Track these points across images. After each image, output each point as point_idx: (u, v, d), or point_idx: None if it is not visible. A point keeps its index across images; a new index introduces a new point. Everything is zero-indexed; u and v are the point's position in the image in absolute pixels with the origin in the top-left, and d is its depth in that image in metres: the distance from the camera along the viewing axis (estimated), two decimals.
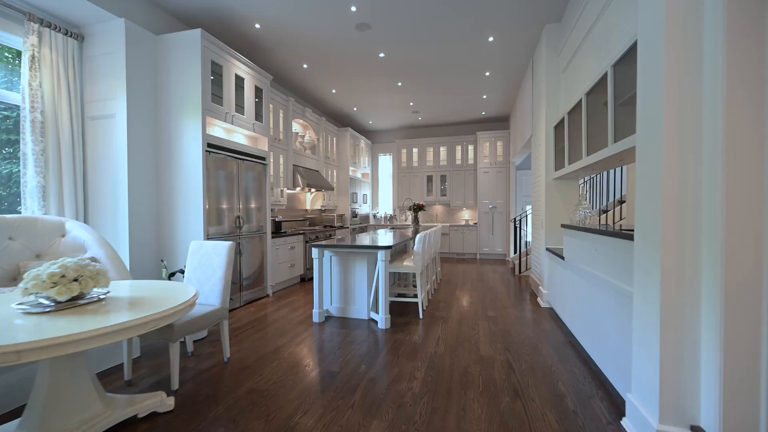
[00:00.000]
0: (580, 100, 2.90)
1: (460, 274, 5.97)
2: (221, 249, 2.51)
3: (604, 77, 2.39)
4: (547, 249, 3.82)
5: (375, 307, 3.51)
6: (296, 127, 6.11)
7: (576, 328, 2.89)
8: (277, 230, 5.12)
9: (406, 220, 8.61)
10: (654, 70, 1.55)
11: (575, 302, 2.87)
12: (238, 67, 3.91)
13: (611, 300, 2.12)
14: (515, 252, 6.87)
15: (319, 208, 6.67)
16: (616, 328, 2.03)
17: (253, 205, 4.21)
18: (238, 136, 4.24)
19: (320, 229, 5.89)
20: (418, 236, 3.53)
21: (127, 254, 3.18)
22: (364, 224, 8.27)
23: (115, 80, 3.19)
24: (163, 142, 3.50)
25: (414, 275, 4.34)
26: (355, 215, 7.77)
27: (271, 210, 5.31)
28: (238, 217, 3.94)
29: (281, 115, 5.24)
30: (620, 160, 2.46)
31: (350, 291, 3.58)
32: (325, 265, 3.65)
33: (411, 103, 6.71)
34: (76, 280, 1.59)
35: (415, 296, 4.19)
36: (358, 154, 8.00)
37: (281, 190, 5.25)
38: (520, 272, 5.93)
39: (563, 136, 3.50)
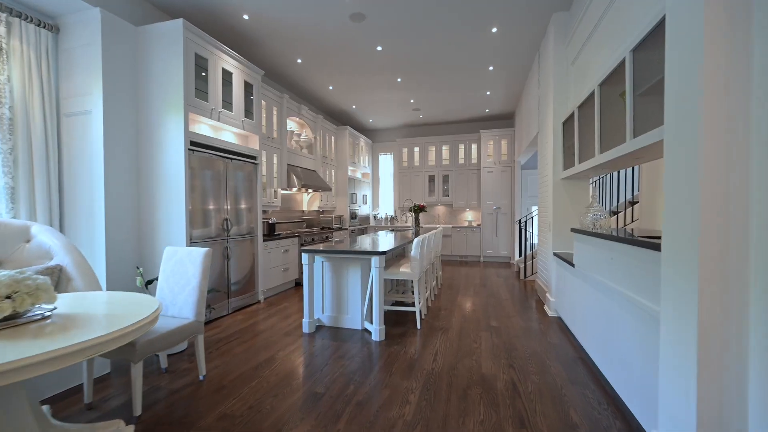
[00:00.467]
0: (593, 93, 2.64)
1: (462, 279, 5.71)
2: (196, 256, 2.29)
3: (621, 65, 2.13)
4: (555, 254, 3.56)
5: (369, 317, 3.28)
6: (292, 125, 5.90)
7: (588, 344, 2.63)
8: (271, 233, 4.91)
9: (406, 222, 8.36)
10: (688, 49, 1.29)
11: (587, 314, 2.61)
12: (226, 61, 3.69)
13: (632, 318, 1.86)
14: (520, 255, 6.59)
15: (316, 209, 6.45)
16: (639, 351, 1.78)
17: (242, 207, 4.00)
18: (227, 134, 4.02)
19: (317, 231, 5.67)
20: (415, 240, 3.29)
21: (103, 260, 2.97)
22: (364, 225, 8.04)
23: (91, 74, 2.98)
24: (144, 140, 3.29)
25: (412, 282, 4.10)
26: (354, 216, 7.54)
27: (264, 212, 5.11)
28: (226, 219, 3.72)
29: (275, 112, 5.03)
30: (636, 158, 2.20)
31: (343, 299, 3.35)
32: (317, 271, 3.42)
33: (411, 101, 6.46)
34: (9, 297, 1.37)
35: (413, 304, 3.94)
36: (357, 154, 7.77)
37: (275, 191, 5.03)
38: (525, 276, 5.66)
39: (573, 132, 3.24)
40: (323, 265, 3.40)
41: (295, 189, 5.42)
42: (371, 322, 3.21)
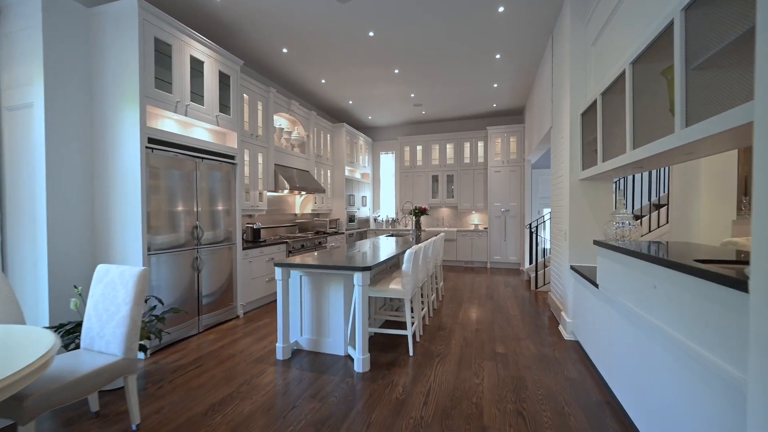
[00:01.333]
0: (622, 74, 2.13)
1: (467, 289, 5.21)
2: (128, 278, 1.86)
3: (666, 32, 1.63)
4: (572, 268, 3.05)
5: (353, 341, 2.82)
6: (282, 122, 5.47)
7: (616, 383, 2.12)
8: (255, 239, 4.49)
9: (406, 225, 7.88)
10: None
11: (615, 347, 2.11)
12: (195, 48, 3.27)
13: (690, 373, 1.36)
14: (531, 262, 6.06)
15: (310, 212, 6.01)
16: (703, 422, 1.28)
17: (218, 212, 3.58)
18: (199, 130, 3.61)
19: (308, 237, 5.24)
20: (408, 252, 2.82)
21: (45, 276, 2.58)
22: (363, 228, 7.59)
23: (32, 62, 2.59)
24: (99, 137, 2.89)
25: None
26: (352, 219, 7.09)
27: (249, 216, 4.70)
28: (196, 226, 3.30)
29: (260, 107, 4.61)
30: (689, 153, 1.70)
31: (324, 320, 2.90)
32: (294, 286, 2.98)
33: (412, 95, 5.98)
34: None
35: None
36: (356, 153, 7.32)
37: (260, 193, 4.61)
38: (536, 287, 5.13)
39: (594, 125, 2.72)
40: (301, 281, 2.96)
41: (286, 191, 5.00)
42: (355, 348, 2.75)
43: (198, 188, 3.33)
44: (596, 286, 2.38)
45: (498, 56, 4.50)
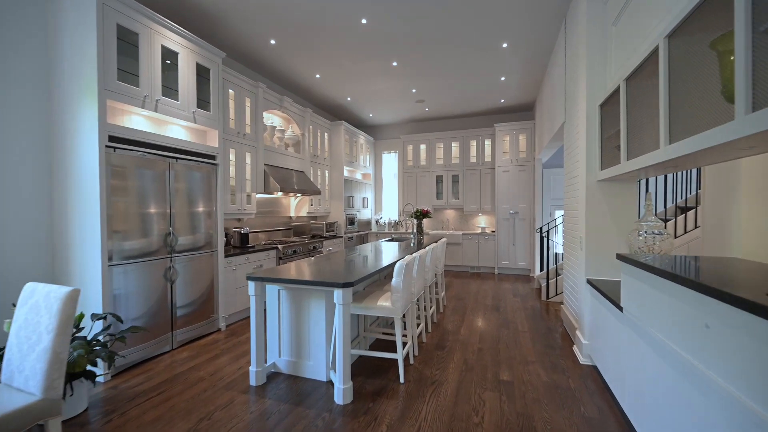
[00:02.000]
0: (654, 51, 1.74)
1: (471, 298, 4.83)
2: (53, 301, 1.56)
3: None
4: (589, 282, 2.65)
5: (336, 365, 2.48)
6: (275, 120, 5.18)
7: (647, 429, 1.73)
8: (243, 244, 4.20)
9: (408, 228, 7.51)
10: None
11: (649, 392, 1.72)
12: (167, 38, 2.98)
13: None
14: (542, 269, 5.64)
15: (305, 214, 5.70)
16: None
17: (197, 217, 3.29)
18: (175, 128, 3.32)
19: (302, 241, 4.92)
20: (398, 264, 2.46)
21: None
22: (364, 231, 7.25)
23: None
24: (58, 135, 2.62)
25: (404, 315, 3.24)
26: (352, 222, 6.76)
27: (238, 220, 4.41)
28: (170, 233, 3.01)
29: (248, 104, 4.31)
30: (752, 146, 1.30)
31: (304, 340, 2.57)
32: (272, 301, 2.66)
33: (413, 90, 5.62)
34: None
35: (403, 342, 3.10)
36: (356, 152, 6.99)
37: (248, 196, 4.32)
38: (548, 297, 4.71)
39: (616, 117, 2.33)
40: (280, 295, 2.63)
41: (279, 193, 4.71)
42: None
43: (172, 191, 3.04)
44: (620, 308, 1.99)
45: (505, 45, 4.10)
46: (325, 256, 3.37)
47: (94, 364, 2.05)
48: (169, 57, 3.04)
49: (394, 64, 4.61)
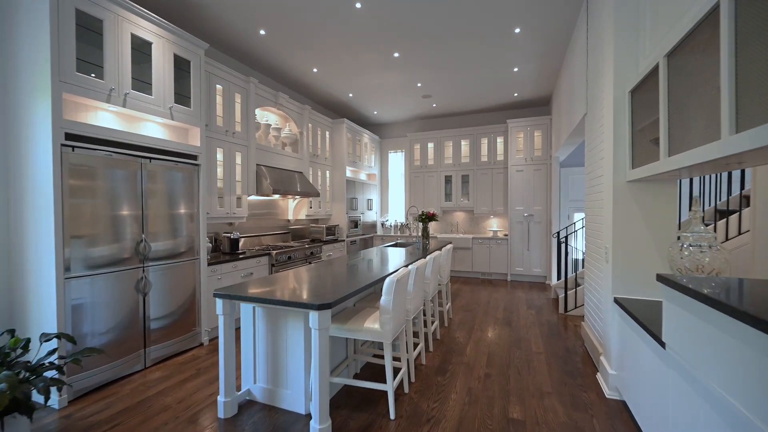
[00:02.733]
0: (712, 12, 1.33)
1: (481, 309, 4.42)
2: None
3: None
4: (617, 301, 2.23)
5: None
6: (270, 117, 4.90)
7: None
8: (233, 250, 3.92)
9: (414, 232, 7.13)
10: None
11: None
12: (137, 25, 2.71)
13: None
14: (559, 277, 5.17)
15: (304, 217, 5.40)
16: None
17: (176, 222, 3.02)
18: (151, 126, 3.05)
19: (299, 246, 4.62)
20: (387, 281, 2.11)
21: None
22: (369, 234, 6.92)
23: None
24: (12, 132, 2.38)
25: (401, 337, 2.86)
26: (356, 225, 6.44)
27: (230, 224, 4.14)
28: (142, 241, 2.74)
29: (238, 100, 4.03)
30: None
31: (281, 366, 2.24)
32: (247, 319, 2.34)
33: (418, 84, 5.24)
34: None
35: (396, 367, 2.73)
36: (360, 152, 6.66)
37: (238, 198, 4.04)
38: (566, 310, 4.26)
39: (651, 104, 1.91)
40: (255, 313, 2.31)
41: (277, 195, 4.42)
42: None
43: (145, 195, 2.77)
44: (661, 343, 1.58)
45: (517, 30, 3.68)
46: (320, 264, 3.05)
47: (28, 397, 1.77)
48: (142, 47, 2.77)
49: (396, 55, 4.25)
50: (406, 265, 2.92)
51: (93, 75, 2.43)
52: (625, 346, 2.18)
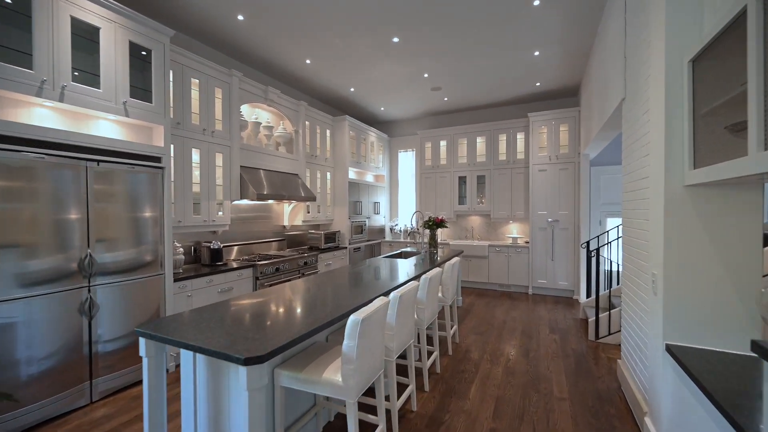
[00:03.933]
0: None
1: (495, 331, 3.81)
2: None
3: None
4: (670, 350, 1.61)
5: None
6: (261, 115, 4.50)
7: None
8: (214, 261, 3.54)
9: (424, 239, 6.54)
10: None
11: None
12: (79, 6, 2.33)
13: None
14: (589, 295, 4.47)
15: (301, 223, 4.98)
16: None
17: (134, 233, 2.64)
18: (105, 124, 2.69)
19: (291, 256, 4.18)
20: (351, 320, 1.59)
21: None
22: (375, 240, 6.42)
23: None
24: None
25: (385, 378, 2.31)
26: (361, 230, 5.96)
27: (213, 232, 3.77)
28: (86, 256, 2.37)
29: (218, 95, 3.64)
30: None
31: (224, 423, 1.78)
32: (187, 363, 1.90)
33: (425, 75, 4.68)
34: None
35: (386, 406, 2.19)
36: (365, 151, 6.17)
37: (219, 204, 3.65)
38: (597, 336, 3.58)
39: (723, 76, 1.29)
40: (195, 357, 1.87)
41: (271, 201, 4.03)
42: None
43: (90, 203, 2.40)
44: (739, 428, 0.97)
45: (537, 2, 3.06)
46: (311, 279, 2.63)
47: None
48: (87, 33, 2.40)
49: (395, 40, 3.72)
50: (397, 286, 2.39)
51: (19, 65, 2.07)
52: (684, 417, 1.55)
